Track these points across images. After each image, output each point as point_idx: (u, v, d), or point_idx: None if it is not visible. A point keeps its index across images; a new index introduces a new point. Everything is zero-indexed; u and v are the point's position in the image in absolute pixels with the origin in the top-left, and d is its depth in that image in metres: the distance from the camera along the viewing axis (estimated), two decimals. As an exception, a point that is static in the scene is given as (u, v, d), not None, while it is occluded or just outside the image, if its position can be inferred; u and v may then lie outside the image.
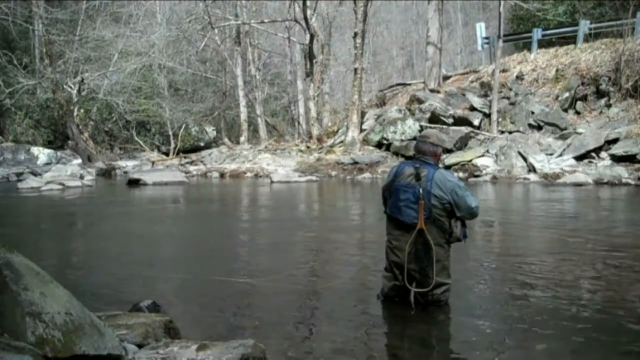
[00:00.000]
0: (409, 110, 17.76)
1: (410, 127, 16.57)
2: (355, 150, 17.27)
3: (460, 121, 16.35)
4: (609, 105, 15.16)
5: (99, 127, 24.30)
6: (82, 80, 21.79)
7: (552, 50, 18.08)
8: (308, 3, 20.28)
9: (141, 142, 23.89)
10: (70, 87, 21.86)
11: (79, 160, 19.36)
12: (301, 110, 27.01)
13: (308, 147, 19.92)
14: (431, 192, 3.40)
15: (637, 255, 5.24)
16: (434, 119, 16.46)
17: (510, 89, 17.00)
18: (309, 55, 21.61)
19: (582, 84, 15.85)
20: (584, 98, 15.75)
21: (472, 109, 16.79)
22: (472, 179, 13.49)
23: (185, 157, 21.79)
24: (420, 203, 3.39)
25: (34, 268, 2.11)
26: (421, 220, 3.40)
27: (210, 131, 25.89)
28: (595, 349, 2.99)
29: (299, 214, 9.28)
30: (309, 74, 22.10)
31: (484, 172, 13.87)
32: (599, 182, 11.85)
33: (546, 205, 9.37)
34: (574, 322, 3.34)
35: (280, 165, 17.30)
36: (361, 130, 18.41)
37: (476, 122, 16.33)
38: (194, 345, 2.35)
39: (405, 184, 3.48)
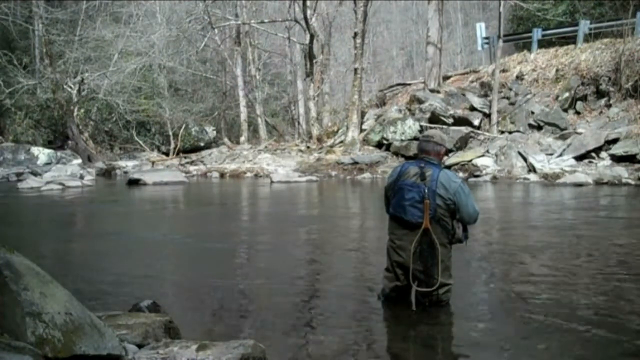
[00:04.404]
0: (409, 110, 17.76)
1: (410, 127, 16.56)
2: (355, 150, 17.26)
3: (460, 121, 16.34)
4: (609, 105, 15.16)
5: (99, 127, 24.31)
6: (82, 80, 21.80)
7: (552, 50, 18.07)
8: (308, 3, 20.28)
9: (141, 142, 23.89)
10: (70, 87, 21.86)
11: (79, 160, 19.36)
12: (301, 110, 27.01)
13: (308, 147, 19.92)
14: (436, 192, 3.40)
15: (637, 255, 5.24)
16: (434, 119, 16.45)
17: (510, 89, 17.00)
18: (309, 55, 21.61)
19: (582, 84, 15.84)
20: (584, 98, 15.75)
21: (472, 109, 16.79)
22: (472, 179, 13.49)
23: (185, 157, 21.78)
24: (425, 202, 3.39)
25: (34, 268, 2.11)
26: (426, 220, 3.40)
27: (210, 131, 25.89)
28: (595, 349, 2.98)
29: (299, 214, 9.27)
30: (309, 74, 22.09)
31: (484, 172, 13.87)
32: (599, 182, 11.84)
33: (546, 206, 9.37)
34: (574, 322, 3.34)
35: (280, 165, 17.30)
36: (361, 130, 18.40)
37: (476, 122, 16.33)
38: (194, 345, 2.35)
39: (410, 183, 3.47)
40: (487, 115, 16.43)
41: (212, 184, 15.61)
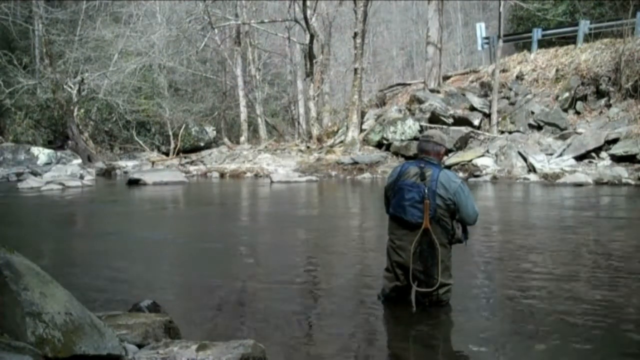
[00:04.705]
0: (409, 110, 17.76)
1: (410, 127, 16.56)
2: (355, 150, 17.26)
3: (460, 121, 16.34)
4: (609, 105, 15.15)
5: (99, 127, 24.31)
6: (82, 80, 21.79)
7: (552, 50, 18.07)
8: (308, 3, 20.28)
9: (141, 142, 23.89)
10: (70, 87, 21.86)
11: (79, 160, 19.35)
12: (301, 110, 27.01)
13: (308, 147, 19.92)
14: (436, 192, 3.40)
15: (637, 256, 5.24)
16: (434, 119, 16.45)
17: (510, 89, 17.00)
18: (309, 55, 21.61)
19: (582, 84, 15.84)
20: (584, 98, 15.75)
21: (472, 109, 16.79)
22: (472, 179, 13.49)
23: (185, 157, 21.77)
24: (425, 202, 3.39)
25: (34, 268, 2.11)
26: (426, 220, 3.39)
27: (210, 131, 25.89)
28: (595, 349, 2.98)
29: (299, 214, 9.28)
30: (309, 74, 22.09)
31: (484, 172, 13.87)
32: (599, 182, 11.84)
33: (546, 206, 9.37)
34: (573, 322, 3.34)
35: (280, 165, 17.30)
36: (361, 130, 18.40)
37: (476, 122, 16.33)
38: (194, 345, 2.35)
39: (410, 183, 3.47)
40: (487, 115, 16.43)
41: (212, 184, 15.62)
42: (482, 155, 14.79)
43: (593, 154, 13.66)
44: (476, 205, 3.53)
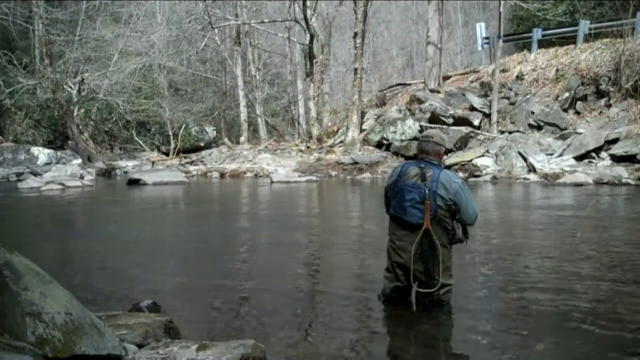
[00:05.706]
0: (409, 110, 17.76)
1: (410, 127, 16.56)
2: (355, 150, 17.26)
3: (460, 121, 16.35)
4: (609, 105, 15.16)
5: (99, 127, 24.32)
6: (82, 80, 21.82)
7: (552, 50, 18.09)
8: (308, 3, 20.29)
9: (141, 142, 23.89)
10: (70, 87, 21.88)
11: (79, 160, 19.35)
12: (301, 110, 27.02)
13: (308, 147, 19.93)
14: (437, 193, 3.39)
15: (637, 256, 5.24)
16: (434, 119, 16.45)
17: (510, 89, 17.00)
18: (309, 55, 21.62)
19: (582, 84, 15.85)
20: (584, 98, 15.75)
21: (472, 109, 16.79)
22: (472, 179, 13.49)
23: (185, 157, 21.78)
24: (426, 203, 3.38)
25: (34, 268, 2.11)
26: (427, 221, 3.39)
27: (210, 131, 25.90)
28: (595, 350, 2.98)
29: (299, 214, 9.28)
30: (309, 74, 22.10)
31: (484, 172, 13.87)
32: (599, 182, 11.84)
33: (546, 206, 9.37)
34: (574, 322, 3.34)
35: (280, 165, 17.30)
36: (361, 130, 18.41)
37: (476, 122, 16.33)
38: (194, 345, 2.35)
39: (411, 184, 3.47)
40: (487, 115, 16.43)
41: (212, 184, 15.61)
42: (482, 155, 14.79)
43: (593, 154, 13.66)
44: (476, 206, 3.53)
